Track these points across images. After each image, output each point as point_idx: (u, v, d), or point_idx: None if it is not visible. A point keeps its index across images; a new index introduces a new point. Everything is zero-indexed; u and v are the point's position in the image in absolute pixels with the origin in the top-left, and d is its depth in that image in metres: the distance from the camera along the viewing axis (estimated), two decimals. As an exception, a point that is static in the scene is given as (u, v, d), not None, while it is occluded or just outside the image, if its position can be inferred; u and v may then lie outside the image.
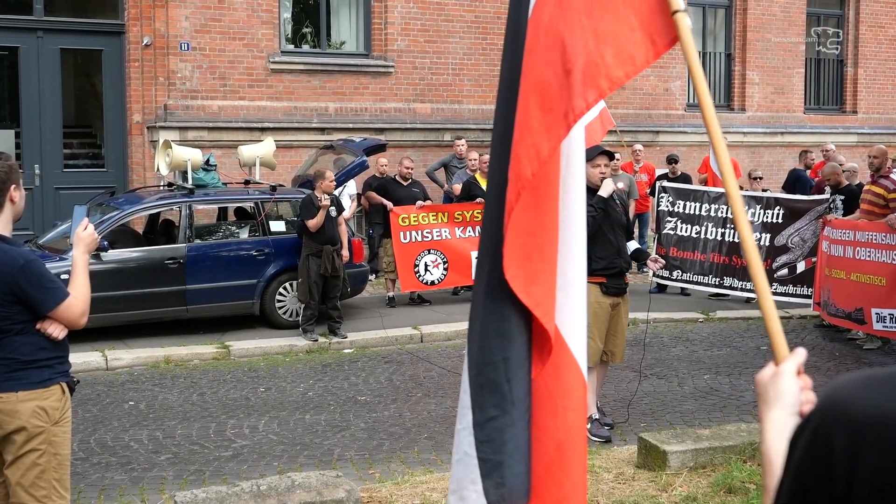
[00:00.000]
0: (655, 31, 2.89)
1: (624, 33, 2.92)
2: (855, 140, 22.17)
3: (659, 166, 17.06)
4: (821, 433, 1.45)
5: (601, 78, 2.91)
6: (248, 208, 13.25)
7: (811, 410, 1.50)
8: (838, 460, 1.40)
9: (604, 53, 2.91)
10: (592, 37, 2.93)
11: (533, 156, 2.97)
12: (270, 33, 16.37)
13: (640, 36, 2.91)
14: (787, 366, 1.97)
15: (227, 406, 9.32)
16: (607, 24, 2.93)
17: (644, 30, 2.90)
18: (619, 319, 8.32)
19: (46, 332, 4.50)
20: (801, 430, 1.50)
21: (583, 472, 3.30)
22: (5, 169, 4.50)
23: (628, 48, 2.91)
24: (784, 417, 1.87)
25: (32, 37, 15.40)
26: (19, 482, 4.50)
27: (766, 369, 1.98)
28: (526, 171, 2.98)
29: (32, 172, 15.26)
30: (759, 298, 2.42)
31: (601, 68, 2.91)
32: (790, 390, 1.92)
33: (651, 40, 2.90)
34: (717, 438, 7.20)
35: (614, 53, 2.91)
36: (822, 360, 11.07)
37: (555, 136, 2.96)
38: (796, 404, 1.90)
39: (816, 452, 1.44)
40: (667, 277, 14.63)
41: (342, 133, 16.22)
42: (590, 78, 2.91)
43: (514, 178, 3.00)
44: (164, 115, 15.58)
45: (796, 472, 1.48)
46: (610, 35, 2.92)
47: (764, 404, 1.92)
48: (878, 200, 11.50)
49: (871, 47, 22.72)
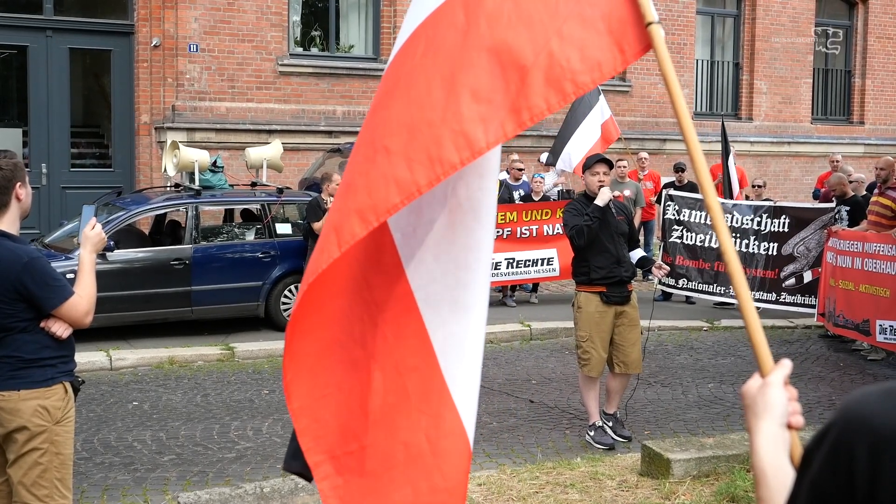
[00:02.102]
0: (625, 40, 2.81)
1: (591, 38, 2.82)
2: (862, 151, 22.15)
3: (666, 174, 17.04)
4: (842, 446, 1.44)
5: (566, 81, 2.81)
6: (255, 210, 13.26)
7: (828, 423, 1.49)
8: (860, 473, 1.40)
9: (570, 56, 2.81)
10: (556, 37, 2.82)
11: (462, 144, 2.77)
12: (279, 36, 16.40)
13: (608, 42, 2.82)
14: (774, 377, 1.97)
15: (231, 408, 9.31)
16: (573, 26, 2.84)
17: (612, 36, 2.82)
18: (626, 328, 8.19)
19: (50, 330, 4.49)
20: (818, 443, 1.49)
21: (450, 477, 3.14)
22: (10, 167, 4.49)
23: (595, 54, 2.82)
24: (774, 429, 1.87)
25: (42, 36, 15.44)
26: (21, 481, 4.50)
27: (752, 380, 1.98)
28: (452, 157, 2.77)
29: (40, 171, 15.29)
30: (741, 309, 2.40)
31: (566, 72, 2.80)
32: (779, 401, 1.92)
33: (619, 48, 2.82)
34: (721, 447, 7.18)
35: (581, 58, 2.81)
36: (827, 371, 11.05)
37: (497, 129, 2.78)
38: (785, 415, 1.90)
39: (837, 465, 1.43)
40: (672, 286, 14.63)
41: (350, 136, 16.22)
42: (553, 80, 2.80)
43: (429, 159, 2.79)
44: (172, 116, 15.61)
45: (814, 485, 1.47)
46: (576, 38, 2.83)
47: (753, 416, 1.92)
48: (886, 212, 11.48)
49: (880, 58, 22.71)
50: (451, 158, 2.76)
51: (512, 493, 6.63)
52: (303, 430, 3.15)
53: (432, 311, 3.12)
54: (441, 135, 2.77)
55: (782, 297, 13.42)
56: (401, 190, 2.78)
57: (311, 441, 3.14)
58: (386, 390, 3.10)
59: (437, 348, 3.13)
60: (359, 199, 2.84)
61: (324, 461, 3.16)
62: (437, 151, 2.76)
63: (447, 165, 2.76)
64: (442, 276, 3.14)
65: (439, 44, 2.95)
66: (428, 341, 3.12)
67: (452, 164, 2.76)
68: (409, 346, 3.13)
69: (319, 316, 3.12)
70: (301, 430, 3.15)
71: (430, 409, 3.11)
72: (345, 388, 3.14)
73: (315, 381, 3.14)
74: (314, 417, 3.14)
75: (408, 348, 3.12)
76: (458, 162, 2.76)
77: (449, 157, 2.76)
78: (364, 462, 3.10)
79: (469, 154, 2.76)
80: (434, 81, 2.87)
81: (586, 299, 8.12)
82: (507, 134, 2.79)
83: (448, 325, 3.14)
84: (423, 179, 2.76)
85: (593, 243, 7.92)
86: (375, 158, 2.85)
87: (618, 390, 8.45)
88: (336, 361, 3.16)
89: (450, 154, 2.76)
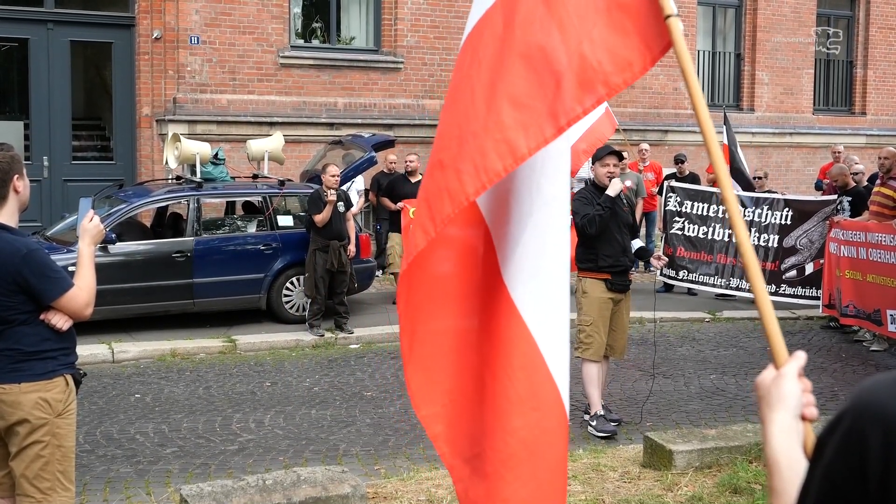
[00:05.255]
0: (650, 37, 2.86)
1: (620, 39, 2.89)
2: (864, 142, 22.10)
3: (667, 166, 17.03)
4: (854, 433, 1.44)
5: (598, 84, 2.89)
6: (256, 203, 13.26)
7: (841, 411, 1.49)
8: (873, 460, 1.40)
9: (601, 59, 2.89)
10: (587, 39, 2.90)
11: (506, 151, 2.90)
12: (280, 28, 16.37)
13: (636, 41, 2.88)
14: (788, 368, 1.98)
15: (233, 400, 9.32)
16: (602, 29, 2.90)
17: (639, 35, 2.87)
18: (620, 315, 8.47)
19: (50, 322, 4.48)
20: (831, 431, 1.49)
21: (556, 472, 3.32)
22: (7, 159, 4.48)
23: (625, 54, 2.89)
24: (788, 420, 1.88)
25: (43, 29, 15.41)
26: (23, 474, 4.50)
27: (766, 372, 1.99)
28: (495, 165, 2.91)
29: (41, 164, 15.28)
30: (757, 301, 2.41)
31: (599, 74, 2.89)
32: (793, 393, 1.93)
33: (647, 45, 2.87)
34: (723, 438, 7.18)
35: (611, 59, 2.89)
36: (829, 362, 11.05)
37: (537, 134, 2.89)
38: (798, 407, 1.91)
39: (849, 453, 1.43)
40: (674, 277, 14.63)
41: (351, 129, 16.21)
42: (587, 83, 2.89)
43: (475, 169, 2.93)
44: (174, 109, 15.59)
45: (826, 473, 1.47)
46: (606, 41, 2.89)
47: (766, 406, 1.93)
48: (888, 202, 11.48)
49: (881, 49, 22.64)
50: (495, 167, 2.90)
51: (514, 485, 6.62)
52: (436, 436, 3.35)
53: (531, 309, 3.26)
54: (484, 144, 2.91)
55: (781, 289, 13.41)
56: (452, 200, 2.96)
57: (445, 446, 3.35)
58: (497, 394, 3.23)
59: (541, 344, 3.27)
60: (420, 213, 3.10)
61: (459, 465, 3.34)
62: (482, 161, 2.91)
63: (492, 174, 2.91)
64: (537, 275, 3.29)
65: (482, 53, 3.08)
66: (532, 339, 3.25)
67: (497, 172, 2.91)
68: (516, 346, 3.26)
69: (433, 325, 3.32)
70: (434, 435, 3.35)
71: (542, 405, 3.25)
72: (467, 394, 3.31)
73: (440, 388, 3.34)
74: (447, 423, 3.34)
75: (515, 349, 3.25)
76: (502, 169, 2.90)
77: (493, 166, 2.90)
78: (485, 464, 3.24)
79: (512, 161, 2.90)
80: (477, 91, 3.00)
81: (592, 285, 8.29)
82: (546, 139, 2.90)
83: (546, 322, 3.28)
84: (471, 188, 2.93)
85: (603, 232, 8.13)
86: (433, 173, 3.07)
87: (602, 377, 8.60)
88: (456, 368, 3.34)
89: (493, 163, 2.90)
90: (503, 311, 3.26)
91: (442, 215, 2.98)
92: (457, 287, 3.36)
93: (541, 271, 3.29)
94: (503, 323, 3.25)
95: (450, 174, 2.98)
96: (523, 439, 3.20)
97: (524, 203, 3.28)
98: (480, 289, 3.33)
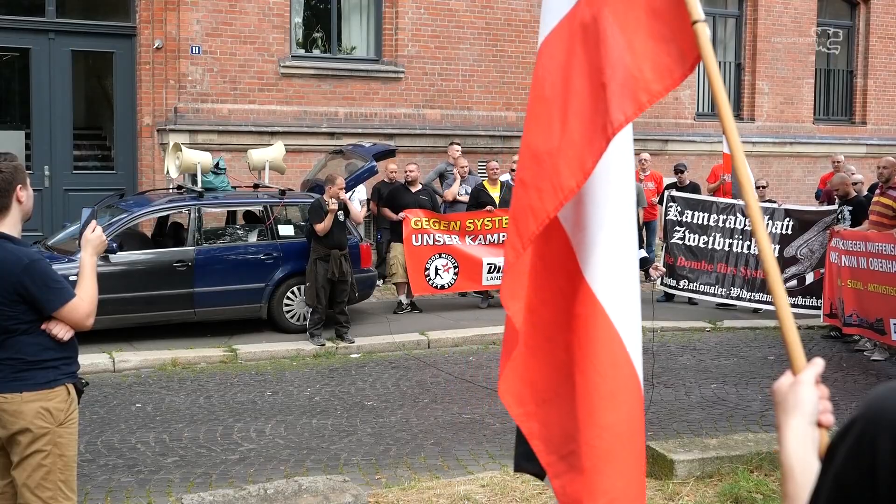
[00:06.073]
0: (685, 44, 2.92)
1: (659, 47, 2.96)
2: (864, 151, 22.12)
3: (667, 175, 17.04)
4: (865, 439, 1.45)
5: (640, 91, 2.96)
6: (257, 212, 13.27)
7: (852, 418, 1.50)
8: (883, 467, 1.41)
9: (642, 67, 2.96)
10: (629, 51, 2.98)
11: (577, 168, 3.07)
12: (281, 37, 16.39)
13: (675, 47, 2.94)
14: (806, 375, 1.98)
15: (234, 409, 9.32)
16: (642, 38, 2.97)
17: (676, 42, 2.93)
18: None
19: (51, 332, 4.48)
20: (842, 436, 1.50)
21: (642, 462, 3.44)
22: (10, 169, 4.48)
23: (665, 61, 2.96)
24: (804, 426, 1.88)
25: (44, 38, 15.44)
26: (25, 483, 4.49)
27: (784, 377, 1.99)
28: (569, 182, 3.08)
29: (42, 174, 15.29)
30: (777, 309, 2.40)
31: (640, 82, 2.95)
32: (809, 399, 1.93)
33: (683, 52, 2.93)
34: (725, 448, 7.18)
35: (652, 67, 2.95)
36: (829, 371, 11.04)
37: (596, 148, 3.03)
38: (815, 413, 1.92)
39: (860, 458, 1.45)
40: (674, 287, 14.64)
41: (352, 138, 16.23)
42: (628, 91, 2.95)
43: (552, 188, 3.11)
44: (175, 118, 15.61)
45: (837, 478, 1.48)
46: (647, 49, 2.97)
47: (783, 412, 1.93)
48: (888, 212, 11.49)
49: (882, 58, 22.68)
50: (568, 184, 3.10)
51: (515, 495, 6.63)
52: (531, 433, 3.47)
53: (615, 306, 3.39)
54: (558, 163, 3.12)
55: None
56: (535, 217, 3.17)
57: (540, 443, 3.46)
58: (589, 391, 3.32)
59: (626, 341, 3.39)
60: (510, 232, 3.30)
61: (555, 461, 3.42)
62: (558, 180, 3.11)
63: (567, 191, 3.11)
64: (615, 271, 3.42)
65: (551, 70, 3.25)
66: (618, 336, 3.37)
67: (570, 189, 3.11)
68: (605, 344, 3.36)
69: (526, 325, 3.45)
70: (529, 433, 3.47)
71: (630, 399, 3.37)
72: (561, 393, 3.41)
73: (534, 387, 3.47)
74: (542, 422, 3.46)
75: (604, 347, 3.36)
76: (574, 186, 3.10)
77: (567, 184, 3.10)
78: (582, 460, 3.31)
79: (581, 177, 3.09)
80: (553, 110, 3.19)
81: None
82: (600, 151, 3.04)
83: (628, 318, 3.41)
84: (551, 206, 3.16)
85: None
86: (517, 192, 3.27)
87: None
88: (549, 368, 3.46)
89: (567, 180, 3.09)
90: (589, 310, 3.37)
91: (528, 233, 3.19)
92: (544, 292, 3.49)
93: (618, 269, 3.42)
94: (590, 322, 3.36)
95: (532, 193, 3.19)
96: (619, 434, 3.29)
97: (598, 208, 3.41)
98: (565, 291, 3.44)
